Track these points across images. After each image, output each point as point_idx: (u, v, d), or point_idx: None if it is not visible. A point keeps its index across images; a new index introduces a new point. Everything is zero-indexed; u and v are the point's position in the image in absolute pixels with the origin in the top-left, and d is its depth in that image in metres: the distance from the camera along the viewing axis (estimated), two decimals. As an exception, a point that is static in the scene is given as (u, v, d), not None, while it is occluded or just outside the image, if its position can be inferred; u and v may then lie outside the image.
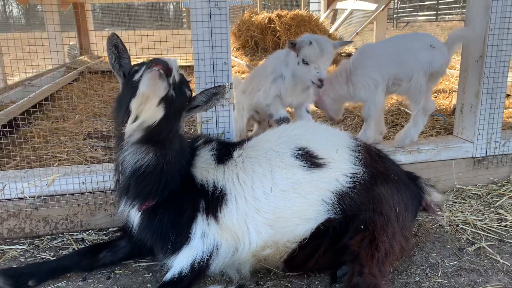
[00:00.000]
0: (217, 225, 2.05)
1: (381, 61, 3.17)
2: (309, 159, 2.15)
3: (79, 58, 10.17)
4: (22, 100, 4.64)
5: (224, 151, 2.26)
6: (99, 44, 9.88)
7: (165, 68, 1.82)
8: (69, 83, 6.93)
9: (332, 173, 2.14)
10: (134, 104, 1.84)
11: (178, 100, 1.94)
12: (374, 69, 3.15)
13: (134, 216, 2.17)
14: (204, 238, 2.03)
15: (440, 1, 24.20)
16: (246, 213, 2.06)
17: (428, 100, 3.21)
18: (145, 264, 2.39)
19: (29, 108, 4.61)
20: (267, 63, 3.36)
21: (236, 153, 2.24)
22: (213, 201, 2.07)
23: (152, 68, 1.81)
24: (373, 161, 2.27)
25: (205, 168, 2.17)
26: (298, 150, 2.18)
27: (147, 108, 1.84)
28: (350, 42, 3.79)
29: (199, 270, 2.01)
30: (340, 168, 2.16)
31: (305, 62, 2.89)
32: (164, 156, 2.01)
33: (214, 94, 2.16)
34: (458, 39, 3.20)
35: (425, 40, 3.19)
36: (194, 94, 2.21)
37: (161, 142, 1.98)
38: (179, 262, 2.02)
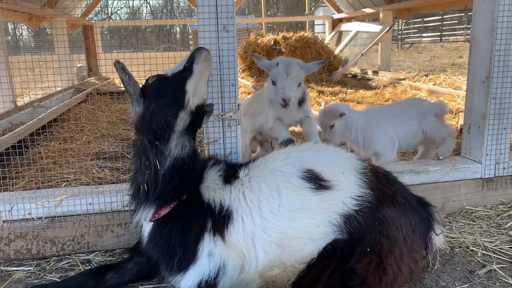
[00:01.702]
0: (224, 243, 2.05)
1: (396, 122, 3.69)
2: (316, 181, 2.15)
3: (87, 79, 10.31)
4: (31, 121, 4.69)
5: (231, 171, 2.28)
6: (107, 66, 10.02)
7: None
8: (77, 104, 7.01)
9: (338, 195, 2.13)
10: (191, 84, 2.08)
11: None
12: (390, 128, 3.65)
13: (146, 227, 2.19)
14: (211, 257, 2.02)
15: (444, 22, 24.44)
16: (253, 232, 2.06)
17: (447, 128, 3.78)
18: (152, 286, 2.37)
19: (38, 129, 4.66)
20: (265, 88, 3.43)
21: (242, 173, 2.24)
22: (219, 220, 2.08)
23: (200, 50, 2.11)
24: (380, 184, 2.25)
25: (212, 188, 2.18)
26: (305, 172, 2.18)
27: (201, 84, 2.12)
28: (326, 62, 4.00)
29: None
30: (347, 191, 2.15)
31: (273, 83, 3.05)
32: (194, 150, 2.17)
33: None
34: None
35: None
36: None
37: (195, 131, 2.19)
38: (186, 282, 2.01)
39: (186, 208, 2.12)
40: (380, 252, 2.02)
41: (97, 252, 2.71)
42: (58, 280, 2.41)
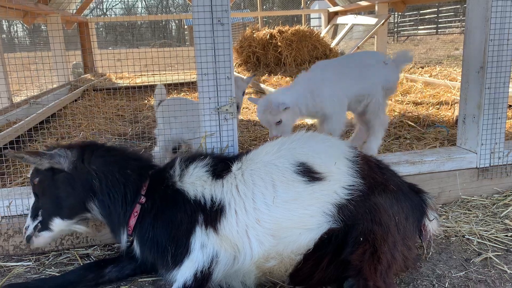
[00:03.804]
0: (217, 235, 2.08)
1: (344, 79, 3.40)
2: (309, 174, 2.17)
3: (83, 76, 10.28)
4: (27, 118, 4.69)
5: (222, 165, 2.28)
6: (103, 62, 9.99)
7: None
8: (73, 101, 7.00)
9: (330, 185, 2.15)
10: None
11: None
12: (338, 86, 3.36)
13: (134, 242, 2.26)
14: (204, 249, 2.06)
15: (440, 15, 24.42)
16: (247, 224, 2.08)
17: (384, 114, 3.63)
18: (150, 279, 2.38)
19: (35, 125, 4.66)
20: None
21: (235, 167, 2.26)
22: (211, 214, 2.11)
23: None
24: (372, 172, 2.27)
25: (199, 185, 2.19)
26: (299, 166, 2.19)
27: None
28: (251, 77, 4.04)
29: (202, 279, 2.03)
30: (339, 181, 2.17)
31: None
32: (100, 186, 2.22)
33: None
34: (404, 59, 3.69)
35: (379, 57, 3.60)
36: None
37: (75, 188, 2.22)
38: (182, 274, 2.05)
39: (166, 208, 2.17)
40: (374, 241, 2.04)
41: (95, 247, 2.73)
42: (57, 274, 2.42)
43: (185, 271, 2.05)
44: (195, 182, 2.20)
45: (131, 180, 2.23)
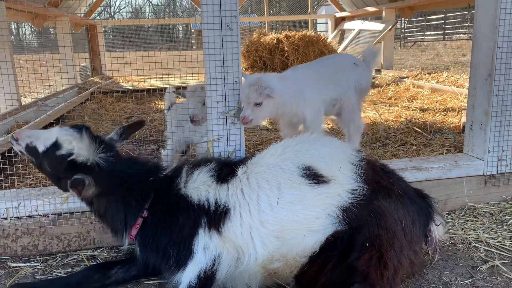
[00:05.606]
0: (220, 237, 2.11)
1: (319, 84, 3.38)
2: (314, 177, 2.19)
3: (91, 78, 10.34)
4: (35, 120, 4.73)
5: (227, 170, 2.31)
6: (110, 65, 10.06)
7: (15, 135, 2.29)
8: (81, 103, 7.05)
9: (335, 189, 2.16)
10: None
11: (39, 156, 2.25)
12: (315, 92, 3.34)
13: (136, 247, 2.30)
14: (206, 250, 2.10)
15: (447, 21, 24.39)
16: (251, 226, 2.11)
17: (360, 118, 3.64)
18: (157, 281, 2.39)
19: (43, 127, 4.69)
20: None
21: (240, 170, 2.29)
22: (215, 216, 2.14)
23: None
24: (377, 176, 2.27)
25: (204, 189, 2.22)
26: (304, 170, 2.20)
27: None
28: None
29: (206, 279, 2.07)
30: (343, 185, 2.18)
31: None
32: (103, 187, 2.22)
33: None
34: (371, 56, 3.70)
35: (349, 60, 3.61)
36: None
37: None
38: (187, 276, 2.08)
39: (168, 215, 2.20)
40: (380, 246, 2.04)
41: (102, 248, 2.74)
42: (64, 275, 2.44)
43: (189, 273, 2.08)
44: (199, 187, 2.23)
45: (134, 206, 2.25)
